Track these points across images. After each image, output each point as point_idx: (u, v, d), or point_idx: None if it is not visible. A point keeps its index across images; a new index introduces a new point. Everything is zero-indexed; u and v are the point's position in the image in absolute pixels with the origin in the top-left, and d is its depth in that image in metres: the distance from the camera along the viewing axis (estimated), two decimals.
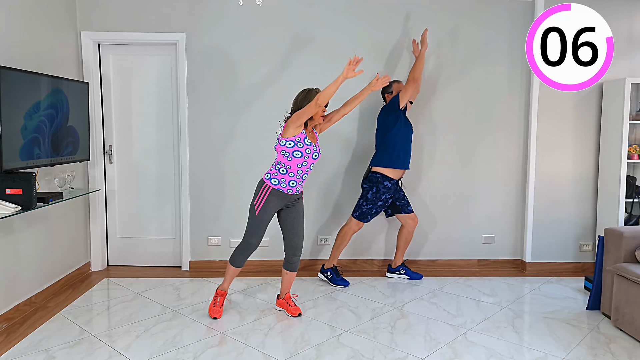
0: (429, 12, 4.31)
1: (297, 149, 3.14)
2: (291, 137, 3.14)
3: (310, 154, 3.20)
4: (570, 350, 2.90)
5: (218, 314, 3.33)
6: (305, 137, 3.16)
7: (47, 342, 2.94)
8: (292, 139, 3.14)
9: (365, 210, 3.99)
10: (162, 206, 4.47)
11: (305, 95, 3.21)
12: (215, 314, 3.32)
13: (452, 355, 2.82)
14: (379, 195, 3.94)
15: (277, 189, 3.21)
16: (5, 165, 2.88)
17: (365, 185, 4.01)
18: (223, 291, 3.42)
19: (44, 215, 3.66)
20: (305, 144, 3.16)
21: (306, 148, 3.17)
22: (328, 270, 4.09)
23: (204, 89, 4.29)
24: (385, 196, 3.96)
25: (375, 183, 3.94)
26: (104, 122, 4.38)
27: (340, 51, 4.28)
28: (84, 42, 4.19)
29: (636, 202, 4.29)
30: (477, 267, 4.55)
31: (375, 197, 3.95)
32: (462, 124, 4.43)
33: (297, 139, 3.14)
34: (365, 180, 4.03)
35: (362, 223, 4.05)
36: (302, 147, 3.15)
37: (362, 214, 4.01)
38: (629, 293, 3.10)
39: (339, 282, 4.03)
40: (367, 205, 3.98)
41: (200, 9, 4.22)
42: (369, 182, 3.98)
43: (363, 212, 4.00)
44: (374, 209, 3.99)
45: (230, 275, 3.39)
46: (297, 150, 3.14)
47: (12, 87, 2.92)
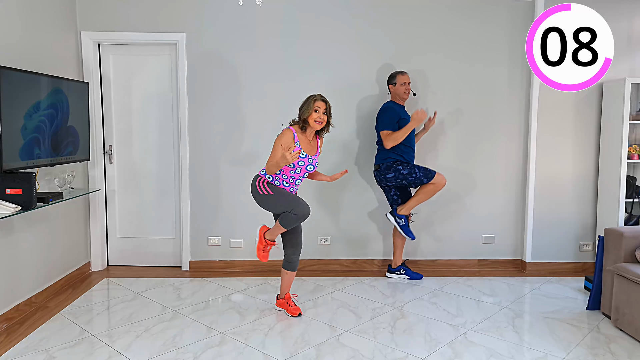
0: (429, 11, 4.31)
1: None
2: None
3: (303, 166, 3.19)
4: (570, 350, 2.90)
5: (266, 259, 3.41)
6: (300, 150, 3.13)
7: (47, 342, 2.94)
8: None
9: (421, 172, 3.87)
10: (162, 206, 4.47)
11: (305, 104, 3.21)
12: (264, 259, 3.40)
13: (452, 355, 2.82)
14: (407, 165, 3.91)
15: (271, 183, 3.22)
16: (5, 165, 2.88)
17: (391, 175, 3.93)
18: (273, 241, 3.39)
19: (44, 215, 3.66)
20: (299, 157, 3.15)
21: (299, 161, 3.15)
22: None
23: (204, 89, 4.29)
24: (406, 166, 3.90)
25: (392, 165, 3.91)
26: (104, 122, 4.38)
27: (340, 51, 4.28)
28: (84, 42, 4.19)
29: (636, 202, 4.29)
30: (477, 267, 4.55)
31: (408, 167, 3.89)
32: (462, 124, 4.43)
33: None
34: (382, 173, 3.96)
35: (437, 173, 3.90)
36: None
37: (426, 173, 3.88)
38: (629, 293, 3.10)
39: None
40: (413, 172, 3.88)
41: (200, 9, 4.22)
42: (388, 170, 3.93)
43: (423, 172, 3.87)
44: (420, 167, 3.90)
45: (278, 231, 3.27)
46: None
47: (12, 87, 2.92)
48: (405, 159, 3.96)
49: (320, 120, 3.20)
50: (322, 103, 3.20)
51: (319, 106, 3.18)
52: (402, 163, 3.93)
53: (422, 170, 3.91)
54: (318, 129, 3.24)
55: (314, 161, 3.24)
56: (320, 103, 3.19)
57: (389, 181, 3.99)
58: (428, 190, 3.95)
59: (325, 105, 3.22)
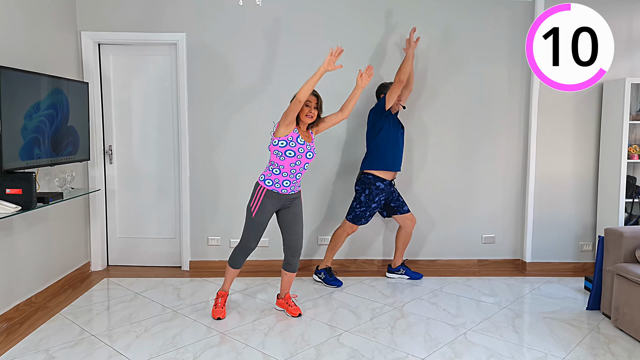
0: (429, 11, 4.31)
1: (289, 148, 3.12)
2: (283, 137, 3.12)
3: (303, 153, 3.18)
4: (570, 350, 2.90)
5: (222, 314, 3.33)
6: (298, 136, 3.14)
7: (47, 342, 2.94)
8: (284, 138, 3.12)
9: (359, 213, 3.98)
10: (162, 206, 4.47)
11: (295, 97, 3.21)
12: (219, 315, 3.32)
13: (452, 355, 2.82)
14: (372, 197, 3.93)
15: (272, 190, 3.19)
16: (5, 165, 2.88)
17: (358, 188, 4.00)
18: (224, 292, 3.42)
19: (44, 215, 3.66)
20: (298, 143, 3.14)
21: (299, 147, 3.15)
22: (322, 271, 4.09)
23: (204, 88, 4.29)
24: (379, 197, 3.94)
25: (367, 185, 3.93)
26: (104, 122, 4.38)
27: None
28: (84, 42, 4.19)
29: (636, 202, 4.29)
30: (477, 267, 4.55)
31: (368, 200, 3.94)
32: (462, 124, 4.43)
33: (289, 138, 3.12)
34: (357, 183, 4.02)
35: (356, 226, 4.05)
36: (294, 146, 3.13)
37: (355, 217, 4.00)
38: (629, 293, 3.10)
39: (332, 283, 4.03)
40: (361, 207, 3.97)
41: (200, 9, 4.22)
42: (361, 184, 3.97)
43: (357, 214, 3.99)
44: (367, 212, 3.98)
45: (230, 277, 3.39)
46: (290, 150, 3.12)
47: (12, 87, 2.92)
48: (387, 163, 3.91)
49: (311, 115, 3.19)
50: (314, 97, 3.19)
51: (310, 100, 3.17)
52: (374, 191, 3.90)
53: (361, 211, 3.95)
54: (309, 122, 3.23)
55: (312, 148, 3.23)
56: (311, 97, 3.18)
57: (356, 191, 4.03)
58: (335, 236, 4.09)
59: (317, 100, 3.20)
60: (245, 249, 3.29)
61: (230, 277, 3.39)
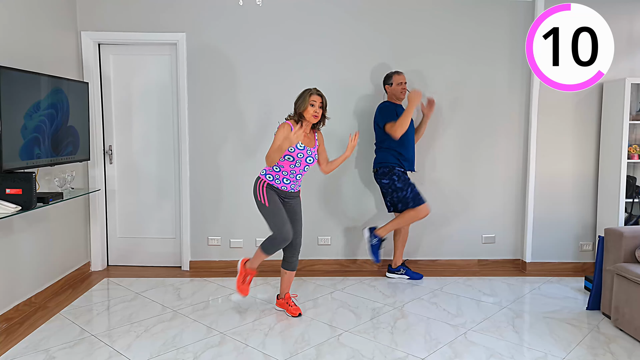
0: (429, 11, 4.31)
1: (288, 153, 3.15)
2: None
3: (302, 158, 3.19)
4: (570, 350, 2.90)
5: (246, 292, 3.38)
6: (298, 142, 3.15)
7: (47, 342, 2.94)
8: None
9: (411, 194, 3.92)
10: (162, 206, 4.47)
11: (300, 98, 3.22)
12: (244, 292, 3.36)
13: (452, 355, 2.82)
14: (404, 178, 3.95)
15: (272, 185, 3.23)
16: (5, 165, 2.88)
17: (386, 180, 3.97)
18: (253, 270, 3.40)
19: (44, 215, 3.66)
20: (298, 149, 3.16)
21: (298, 153, 3.16)
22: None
23: (204, 89, 4.29)
24: (405, 176, 3.97)
25: (390, 173, 3.94)
26: (104, 122, 4.38)
27: (340, 51, 4.28)
28: (84, 42, 4.19)
29: (636, 202, 4.29)
30: (477, 267, 4.55)
31: (403, 181, 3.93)
32: (462, 124, 4.43)
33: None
34: (379, 177, 3.98)
35: (425, 205, 3.95)
36: (293, 151, 3.15)
37: (414, 198, 3.92)
38: (629, 293, 3.10)
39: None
40: (407, 188, 3.93)
41: (200, 9, 4.22)
42: (384, 175, 3.96)
43: (413, 195, 3.92)
44: (415, 188, 3.95)
45: (259, 259, 3.33)
46: (289, 155, 3.15)
47: (12, 87, 2.92)
48: (401, 162, 3.95)
49: (316, 114, 3.21)
50: (318, 97, 3.20)
51: (315, 100, 3.18)
52: (398, 173, 3.93)
53: (413, 192, 3.94)
54: (314, 122, 3.25)
55: (312, 153, 3.24)
56: (315, 97, 3.19)
57: (383, 187, 4.02)
58: (408, 217, 4.00)
59: (321, 99, 3.23)
60: (280, 238, 3.19)
61: (260, 259, 3.35)
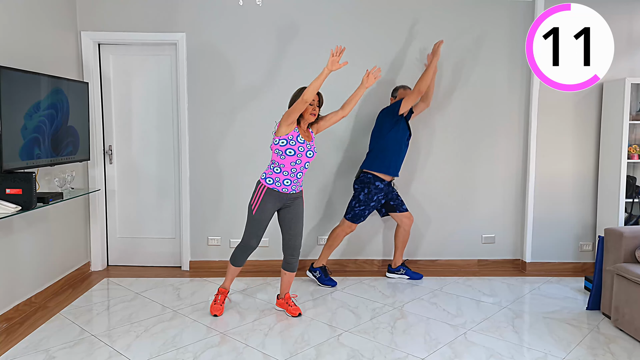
0: (429, 11, 4.31)
1: (289, 147, 3.14)
2: (284, 136, 3.14)
3: (304, 152, 3.19)
4: (570, 350, 2.90)
5: (219, 312, 3.35)
6: (298, 135, 3.16)
7: (47, 342, 2.94)
8: (284, 137, 3.14)
9: (358, 212, 3.98)
10: (162, 206, 4.47)
11: (298, 93, 3.22)
12: (216, 311, 3.34)
13: (452, 355, 2.82)
14: (371, 196, 3.93)
15: (273, 189, 3.21)
16: (5, 165, 2.88)
17: (357, 187, 3.99)
18: (224, 289, 3.44)
19: (44, 215, 3.66)
20: (298, 142, 3.16)
21: (299, 146, 3.16)
22: (317, 269, 4.09)
23: (204, 89, 4.29)
24: (378, 196, 3.95)
25: (367, 184, 3.93)
26: (104, 122, 4.38)
27: None
28: (84, 42, 4.19)
29: (636, 202, 4.29)
30: (477, 267, 4.55)
31: (367, 198, 3.94)
32: (462, 124, 4.43)
33: (289, 137, 3.14)
34: (356, 181, 4.01)
35: (355, 225, 4.04)
36: (294, 144, 3.15)
37: (354, 216, 4.00)
38: (629, 293, 3.10)
39: (326, 282, 4.03)
40: (360, 206, 3.97)
41: (200, 9, 4.22)
42: (361, 183, 3.97)
43: (356, 213, 3.99)
44: (366, 210, 3.98)
45: (231, 275, 3.42)
46: (290, 149, 3.14)
47: (12, 87, 2.92)
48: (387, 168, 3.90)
49: (314, 113, 3.23)
50: (315, 95, 3.19)
51: (313, 99, 3.18)
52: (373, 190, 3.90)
53: (361, 211, 3.95)
54: (312, 120, 3.27)
55: (312, 147, 3.25)
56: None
57: (354, 189, 4.03)
58: (335, 235, 4.07)
59: (319, 98, 3.24)
60: (246, 248, 3.31)
61: (232, 275, 3.41)
